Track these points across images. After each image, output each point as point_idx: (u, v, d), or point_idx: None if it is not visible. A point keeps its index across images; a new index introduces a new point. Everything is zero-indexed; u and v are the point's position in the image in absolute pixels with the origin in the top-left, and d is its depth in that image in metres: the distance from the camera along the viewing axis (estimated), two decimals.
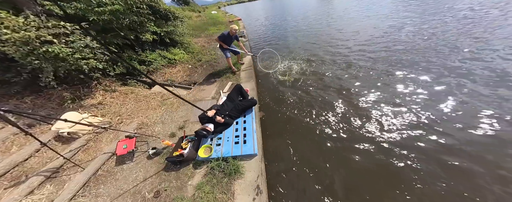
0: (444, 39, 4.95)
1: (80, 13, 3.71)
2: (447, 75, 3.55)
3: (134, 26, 4.47)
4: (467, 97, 2.98)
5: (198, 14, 16.30)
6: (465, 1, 7.58)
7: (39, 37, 2.80)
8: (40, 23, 2.95)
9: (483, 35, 4.74)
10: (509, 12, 5.71)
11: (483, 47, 4.20)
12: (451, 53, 4.25)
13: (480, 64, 3.67)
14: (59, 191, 2.42)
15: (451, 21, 6.02)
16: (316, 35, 8.06)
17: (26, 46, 2.70)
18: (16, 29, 2.70)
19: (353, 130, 2.82)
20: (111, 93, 3.83)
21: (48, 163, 2.74)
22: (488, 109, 2.69)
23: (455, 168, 2.09)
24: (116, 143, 2.89)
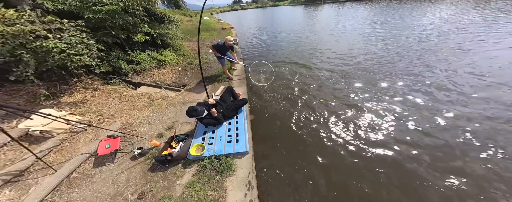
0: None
1: (74, 10, 3.55)
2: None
3: (127, 26, 4.33)
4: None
5: (190, 19, 16.06)
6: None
7: (33, 31, 2.65)
8: (35, 17, 2.81)
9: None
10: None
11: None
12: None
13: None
14: (22, 196, 2.08)
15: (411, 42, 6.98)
16: (300, 45, 8.60)
17: (16, 39, 2.52)
18: (7, 23, 2.54)
19: (329, 129, 3.07)
20: (92, 91, 3.50)
21: (7, 165, 2.35)
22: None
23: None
24: (95, 143, 2.62)
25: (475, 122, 2.87)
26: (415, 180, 2.18)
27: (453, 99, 3.42)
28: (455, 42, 6.10)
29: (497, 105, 3.14)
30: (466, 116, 3.00)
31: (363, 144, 2.71)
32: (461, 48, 5.57)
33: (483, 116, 2.96)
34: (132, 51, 4.69)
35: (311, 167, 2.49)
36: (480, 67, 4.33)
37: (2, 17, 2.56)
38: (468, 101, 3.33)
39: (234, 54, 4.22)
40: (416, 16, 11.44)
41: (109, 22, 3.93)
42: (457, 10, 11.26)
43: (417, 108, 3.31)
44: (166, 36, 5.68)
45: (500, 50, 5.08)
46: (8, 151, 2.43)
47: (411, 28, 8.73)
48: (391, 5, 18.48)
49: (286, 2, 68.12)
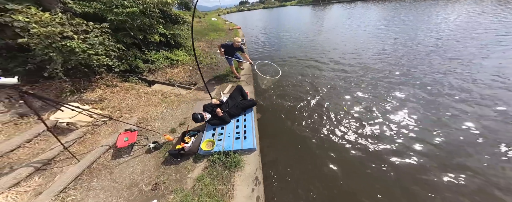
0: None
1: (99, 12, 3.79)
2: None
3: (144, 27, 4.53)
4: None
5: (199, 20, 16.35)
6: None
7: (61, 33, 2.88)
8: (65, 20, 3.05)
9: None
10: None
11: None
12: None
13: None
14: (48, 183, 2.24)
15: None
16: (307, 46, 8.43)
17: (47, 40, 2.75)
18: (42, 24, 2.77)
19: (335, 129, 3.01)
20: (112, 88, 3.70)
21: (39, 154, 2.54)
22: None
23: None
24: (114, 136, 2.76)
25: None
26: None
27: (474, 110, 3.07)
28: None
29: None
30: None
31: (368, 142, 2.65)
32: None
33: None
34: (148, 51, 4.88)
35: (316, 165, 2.46)
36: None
37: (39, 20, 2.80)
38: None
39: (245, 55, 4.20)
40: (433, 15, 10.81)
41: (129, 23, 4.14)
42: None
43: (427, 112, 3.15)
44: (179, 37, 5.85)
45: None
46: (41, 140, 2.62)
47: (428, 29, 8.26)
48: (404, 4, 17.58)
49: (293, 2, 67.03)
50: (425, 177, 2.14)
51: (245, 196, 1.80)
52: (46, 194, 2.04)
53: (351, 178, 2.23)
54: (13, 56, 3.05)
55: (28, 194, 2.11)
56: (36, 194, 2.10)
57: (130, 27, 4.24)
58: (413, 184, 2.07)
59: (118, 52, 3.67)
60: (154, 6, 4.53)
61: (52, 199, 2.01)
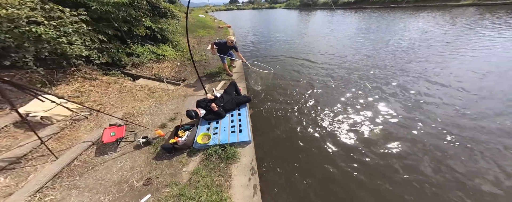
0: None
1: (81, 0, 3.42)
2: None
3: (129, 19, 4.19)
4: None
5: (185, 15, 15.69)
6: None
7: (28, 17, 2.52)
8: (36, 4, 2.68)
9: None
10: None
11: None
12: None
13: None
14: (20, 183, 1.98)
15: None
16: (294, 46, 8.80)
17: (9, 24, 2.39)
18: (5, 7, 2.40)
19: (317, 123, 3.28)
20: (91, 81, 3.34)
21: (3, 152, 2.22)
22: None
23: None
24: (97, 131, 2.54)
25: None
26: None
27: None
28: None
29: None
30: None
31: (349, 136, 2.93)
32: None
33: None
34: (132, 44, 4.52)
35: (302, 157, 2.64)
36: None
37: (5, 2, 2.42)
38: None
39: (238, 53, 4.15)
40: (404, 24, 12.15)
41: (114, 14, 3.81)
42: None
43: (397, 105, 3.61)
44: (166, 31, 5.55)
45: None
46: (2, 137, 2.28)
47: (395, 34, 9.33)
48: (374, 15, 19.32)
49: (281, 4, 68.43)
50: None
51: (242, 186, 1.86)
52: (18, 195, 1.81)
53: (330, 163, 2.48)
54: None
55: None
56: (5, 195, 1.84)
57: (114, 18, 3.89)
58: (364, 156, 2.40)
59: (99, 43, 3.34)
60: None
61: (27, 199, 1.79)
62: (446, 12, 17.19)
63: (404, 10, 22.07)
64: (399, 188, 2.15)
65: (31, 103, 2.44)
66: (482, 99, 3.66)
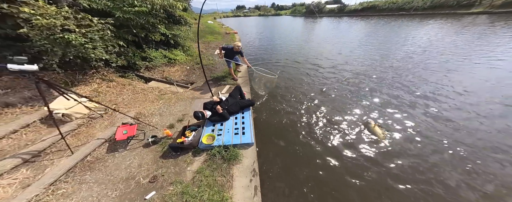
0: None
1: (107, 9, 3.76)
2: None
3: (147, 26, 4.50)
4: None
5: (195, 22, 16.33)
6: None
7: (63, 25, 2.81)
8: (70, 14, 2.99)
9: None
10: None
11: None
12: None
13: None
14: (37, 176, 2.10)
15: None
16: (299, 52, 8.82)
17: (47, 31, 2.68)
18: (46, 17, 2.70)
19: (318, 129, 3.21)
20: (108, 82, 3.56)
21: (27, 146, 2.38)
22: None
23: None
24: (111, 129, 2.66)
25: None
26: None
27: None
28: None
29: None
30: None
31: (347, 143, 2.86)
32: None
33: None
34: (147, 49, 4.80)
35: (304, 160, 2.61)
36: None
37: (45, 13, 2.72)
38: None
39: (244, 59, 4.24)
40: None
41: (134, 21, 4.11)
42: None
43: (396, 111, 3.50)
44: (179, 37, 5.83)
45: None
46: (30, 132, 2.45)
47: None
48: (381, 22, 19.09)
49: (287, 11, 69.12)
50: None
51: (243, 186, 1.86)
52: (35, 187, 1.90)
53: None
54: (8, 45, 2.89)
55: (13, 186, 1.96)
56: (23, 186, 1.95)
57: (134, 25, 4.20)
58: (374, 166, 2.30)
59: (118, 48, 3.59)
60: (161, 7, 4.56)
61: (42, 191, 1.88)
62: (455, 20, 16.69)
63: (411, 18, 21.71)
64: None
65: (56, 101, 2.63)
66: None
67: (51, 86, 1.85)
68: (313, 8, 45.75)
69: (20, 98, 2.76)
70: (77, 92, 3.19)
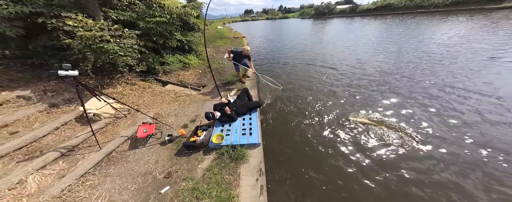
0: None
1: (131, 20, 4.18)
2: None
3: (165, 33, 4.83)
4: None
5: (206, 28, 16.85)
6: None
7: (101, 36, 3.17)
8: (105, 26, 3.37)
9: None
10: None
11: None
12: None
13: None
14: (71, 168, 2.34)
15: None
16: (305, 57, 8.56)
17: (88, 41, 3.05)
18: (86, 29, 3.09)
19: (327, 132, 3.09)
20: (131, 85, 3.89)
21: (65, 141, 2.68)
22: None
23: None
24: (133, 128, 2.89)
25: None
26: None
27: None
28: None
29: None
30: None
31: (358, 148, 2.71)
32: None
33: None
34: (165, 54, 5.14)
35: (309, 164, 2.54)
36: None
37: (85, 25, 3.10)
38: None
39: (251, 63, 4.29)
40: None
41: (154, 30, 4.46)
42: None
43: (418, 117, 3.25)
44: (192, 43, 6.12)
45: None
46: (67, 129, 2.76)
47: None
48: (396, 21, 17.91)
49: (295, 14, 67.68)
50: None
51: (249, 185, 1.89)
52: (68, 178, 2.12)
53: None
54: (53, 54, 3.34)
55: (52, 176, 2.20)
56: (59, 177, 2.18)
57: (154, 33, 4.54)
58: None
59: (141, 54, 3.92)
60: (177, 16, 4.86)
61: (73, 182, 2.09)
62: (483, 16, 14.95)
63: (431, 16, 19.96)
64: None
65: (88, 102, 2.94)
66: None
67: (87, 89, 2.10)
68: (322, 9, 44.44)
69: (61, 99, 3.13)
70: (106, 94, 3.53)
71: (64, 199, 1.88)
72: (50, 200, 1.82)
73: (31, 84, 3.17)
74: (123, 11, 4.29)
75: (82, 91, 2.23)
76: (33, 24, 3.03)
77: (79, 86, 2.02)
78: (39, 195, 1.85)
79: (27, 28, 3.00)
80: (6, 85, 3.03)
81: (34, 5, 2.97)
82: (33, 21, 2.98)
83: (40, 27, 3.08)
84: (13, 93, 2.88)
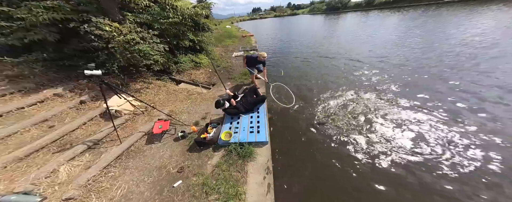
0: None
1: (147, 22, 4.37)
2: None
3: (179, 34, 4.98)
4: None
5: (215, 27, 16.89)
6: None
7: (134, 39, 3.41)
8: (131, 29, 3.60)
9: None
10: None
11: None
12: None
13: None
14: (96, 160, 2.51)
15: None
16: (318, 52, 8.20)
17: (126, 45, 3.33)
18: (119, 33, 3.35)
19: (337, 133, 2.92)
20: (148, 84, 4.08)
21: (91, 135, 2.90)
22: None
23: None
24: (150, 124, 3.04)
25: None
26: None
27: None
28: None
29: None
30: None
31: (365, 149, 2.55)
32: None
33: None
34: (179, 54, 5.31)
35: (314, 162, 2.46)
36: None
37: (117, 30, 3.33)
38: None
39: (264, 69, 4.12)
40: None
41: (168, 31, 4.61)
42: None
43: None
44: (203, 42, 6.22)
45: None
46: (93, 124, 2.99)
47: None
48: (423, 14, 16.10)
49: (304, 10, 64.21)
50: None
51: (257, 183, 1.87)
52: (93, 169, 2.27)
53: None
54: (81, 56, 3.61)
55: (80, 167, 2.37)
56: (86, 168, 2.34)
57: (168, 34, 4.68)
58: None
59: (159, 55, 4.08)
60: (188, 17, 4.95)
61: (98, 173, 2.25)
62: None
63: (463, 5, 17.45)
64: None
65: (111, 99, 3.14)
66: None
67: (110, 87, 2.24)
68: (335, 4, 41.55)
69: (89, 97, 3.38)
70: (126, 92, 3.75)
71: (89, 188, 2.03)
72: (77, 189, 1.98)
73: (64, 83, 3.47)
74: (139, 13, 4.46)
75: (106, 89, 2.39)
76: (66, 29, 3.28)
77: (102, 85, 2.15)
78: (68, 184, 2.02)
79: (60, 33, 3.26)
80: (46, 84, 3.35)
81: (64, 11, 3.21)
82: (65, 26, 3.23)
83: (71, 32, 3.32)
84: (51, 91, 3.19)
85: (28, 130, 2.59)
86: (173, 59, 5.17)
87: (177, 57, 5.27)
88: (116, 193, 2.00)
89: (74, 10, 3.36)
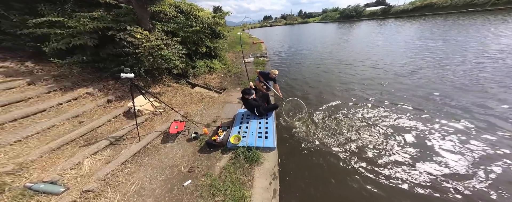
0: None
1: (173, 31, 4.79)
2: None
3: (198, 41, 5.34)
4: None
5: (229, 35, 17.34)
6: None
7: (158, 45, 3.72)
8: (159, 36, 3.94)
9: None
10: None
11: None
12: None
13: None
14: (115, 155, 2.66)
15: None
16: (327, 61, 8.08)
17: (151, 50, 3.63)
18: (147, 40, 3.67)
19: (345, 144, 2.78)
20: (167, 87, 4.36)
21: (113, 132, 3.12)
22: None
23: None
24: (166, 124, 3.18)
25: None
26: None
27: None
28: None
29: None
30: None
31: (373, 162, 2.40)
32: None
33: None
34: (196, 60, 5.63)
35: (324, 172, 2.37)
36: None
37: (146, 37, 3.68)
38: None
39: (276, 86, 4.16)
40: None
41: (190, 38, 4.97)
42: None
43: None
44: (217, 48, 6.53)
45: None
46: (116, 121, 3.23)
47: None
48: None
49: (316, 18, 62.39)
50: None
51: (262, 188, 1.85)
52: (112, 164, 2.40)
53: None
54: (112, 60, 4.00)
55: (101, 161, 2.51)
56: (106, 162, 2.48)
57: (189, 41, 5.05)
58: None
59: (180, 60, 4.38)
60: (208, 25, 5.35)
61: (116, 168, 2.37)
62: None
63: (489, 15, 16.10)
64: None
65: (135, 99, 3.35)
66: None
67: (138, 89, 2.47)
68: (349, 12, 40.30)
69: (115, 96, 3.69)
70: (151, 93, 4.02)
71: (107, 182, 2.15)
72: (97, 182, 2.10)
73: (95, 83, 3.84)
74: (167, 22, 4.87)
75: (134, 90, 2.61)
76: (104, 36, 3.70)
77: (132, 86, 2.36)
78: (90, 176, 2.16)
79: (99, 39, 3.67)
80: (80, 83, 3.74)
81: (105, 21, 3.64)
82: (104, 33, 3.64)
83: (107, 38, 3.73)
84: (84, 90, 3.55)
85: (63, 124, 2.86)
86: (191, 64, 5.47)
87: (194, 62, 5.58)
88: (130, 189, 2.09)
89: (114, 19, 3.79)
